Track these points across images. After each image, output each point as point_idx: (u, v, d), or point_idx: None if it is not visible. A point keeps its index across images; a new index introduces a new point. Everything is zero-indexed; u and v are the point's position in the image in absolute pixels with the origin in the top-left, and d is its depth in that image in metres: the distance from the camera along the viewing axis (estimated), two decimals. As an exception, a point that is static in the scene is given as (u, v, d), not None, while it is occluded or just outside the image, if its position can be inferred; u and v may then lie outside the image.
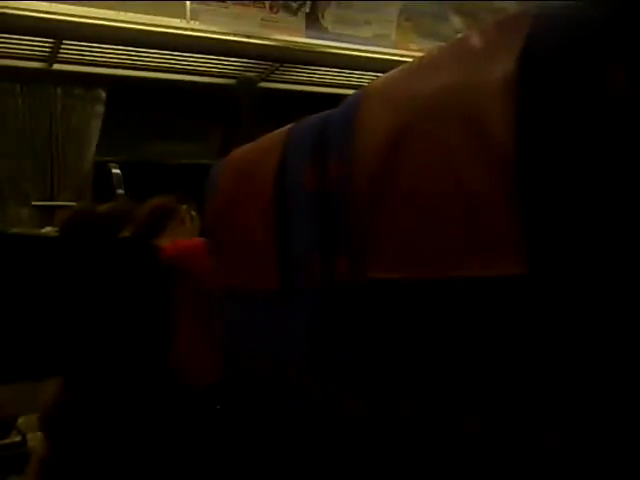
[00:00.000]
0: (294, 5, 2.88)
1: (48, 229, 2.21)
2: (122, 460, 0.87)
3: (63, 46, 2.61)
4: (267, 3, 2.82)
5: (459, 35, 0.63)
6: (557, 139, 0.51)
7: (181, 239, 1.53)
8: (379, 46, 3.07)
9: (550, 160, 0.52)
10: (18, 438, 1.90)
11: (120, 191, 2.65)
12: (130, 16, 2.54)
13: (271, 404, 0.97)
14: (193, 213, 1.60)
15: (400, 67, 0.72)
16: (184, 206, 1.52)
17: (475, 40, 0.59)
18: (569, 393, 0.52)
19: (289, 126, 0.95)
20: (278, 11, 2.85)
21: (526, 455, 0.56)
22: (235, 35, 2.76)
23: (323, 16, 2.95)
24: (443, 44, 0.68)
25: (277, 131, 0.97)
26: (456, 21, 3.15)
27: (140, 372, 0.90)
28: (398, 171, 0.65)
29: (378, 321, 0.73)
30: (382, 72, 0.77)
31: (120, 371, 0.88)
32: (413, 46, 3.12)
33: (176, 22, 2.64)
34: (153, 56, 2.82)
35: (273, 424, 0.97)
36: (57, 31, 2.49)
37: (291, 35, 2.89)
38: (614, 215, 0.48)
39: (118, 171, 2.73)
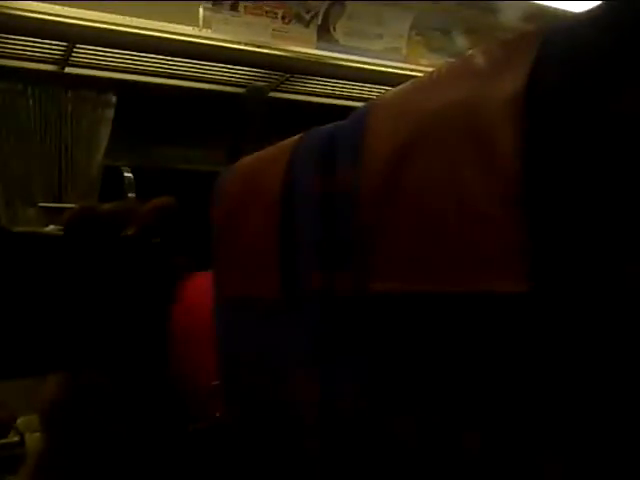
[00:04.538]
0: (306, 17, 2.90)
1: (52, 227, 2.22)
2: (122, 459, 0.87)
3: (75, 50, 2.64)
4: (279, 13, 2.84)
5: (469, 51, 0.63)
6: (565, 158, 0.51)
7: None
8: (390, 60, 3.08)
9: (557, 179, 0.52)
10: (16, 438, 1.90)
11: (131, 194, 2.67)
12: (143, 22, 2.57)
13: (270, 411, 0.97)
14: None
15: (409, 81, 0.73)
16: None
17: (484, 57, 0.59)
18: (569, 415, 0.52)
19: (297, 136, 0.95)
20: (290, 22, 2.87)
21: (523, 475, 0.56)
22: (246, 44, 2.78)
23: (335, 28, 2.97)
24: (453, 60, 0.68)
25: (285, 141, 0.98)
26: (466, 38, 3.16)
27: (141, 371, 0.91)
28: (404, 185, 0.66)
29: (379, 333, 0.73)
30: (392, 86, 0.78)
31: (121, 370, 0.88)
32: (423, 61, 3.14)
33: (188, 30, 2.66)
34: (164, 63, 2.84)
35: (273, 431, 0.97)
36: (70, 34, 2.51)
37: (302, 46, 2.91)
38: (625, 236, 0.48)
39: (130, 175, 2.75)
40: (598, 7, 0.50)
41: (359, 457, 0.77)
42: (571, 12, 0.52)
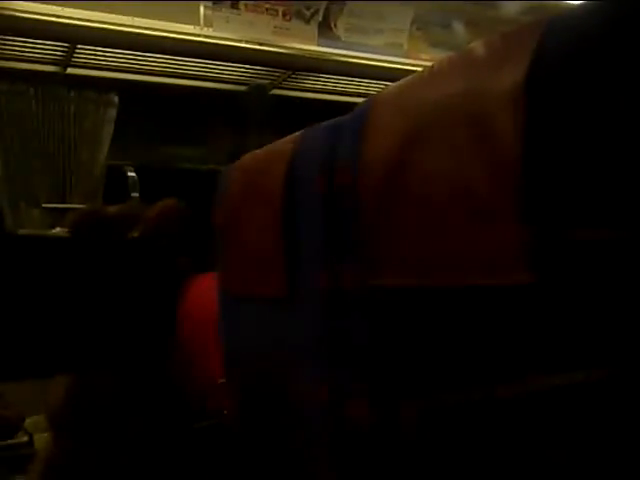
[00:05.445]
0: (307, 13, 2.90)
1: (58, 229, 2.23)
2: (128, 460, 0.87)
3: (77, 50, 2.64)
4: (280, 11, 2.84)
5: (470, 45, 0.63)
6: (566, 149, 0.51)
7: None
8: (391, 55, 3.08)
9: (559, 170, 0.52)
10: (25, 438, 1.90)
11: (135, 194, 2.68)
12: (144, 22, 2.57)
13: (276, 408, 0.98)
14: None
15: (410, 76, 0.73)
16: None
17: (485, 50, 0.60)
18: (567, 405, 0.52)
19: (299, 132, 0.95)
20: (291, 19, 2.87)
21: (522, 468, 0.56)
22: (248, 42, 2.78)
23: (336, 25, 2.96)
24: (453, 54, 0.68)
25: (287, 137, 0.98)
26: (467, 31, 3.16)
27: (148, 371, 0.91)
28: (406, 179, 0.66)
29: (385, 327, 0.74)
30: (393, 81, 0.78)
31: (128, 370, 0.88)
32: (424, 56, 3.13)
33: (189, 28, 2.66)
34: (166, 62, 2.84)
35: (278, 428, 0.97)
36: (71, 35, 2.51)
37: (303, 43, 2.90)
38: (626, 227, 0.48)
39: (134, 174, 2.75)
40: (597, 1, 0.50)
41: (363, 445, 0.77)
42: (570, 5, 0.52)
